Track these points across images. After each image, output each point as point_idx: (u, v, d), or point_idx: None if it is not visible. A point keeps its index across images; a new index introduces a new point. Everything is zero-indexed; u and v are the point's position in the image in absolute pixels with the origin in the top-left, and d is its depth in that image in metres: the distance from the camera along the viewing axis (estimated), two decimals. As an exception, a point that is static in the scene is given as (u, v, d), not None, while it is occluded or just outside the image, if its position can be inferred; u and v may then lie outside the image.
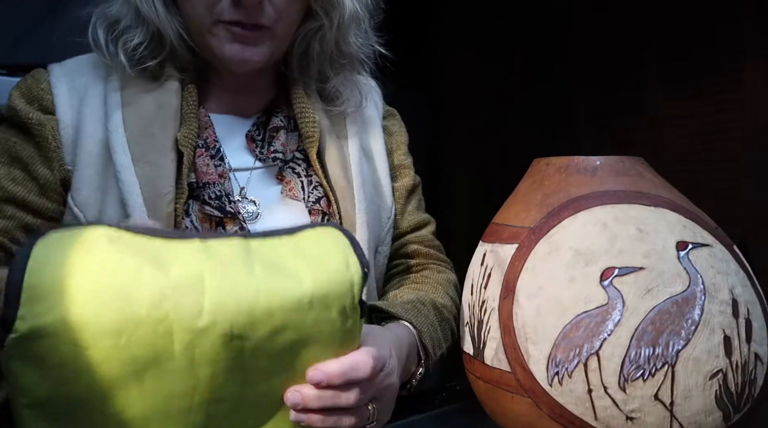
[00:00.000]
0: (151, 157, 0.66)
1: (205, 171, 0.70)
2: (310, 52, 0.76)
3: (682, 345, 0.45)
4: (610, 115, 2.48)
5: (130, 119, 0.67)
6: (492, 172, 2.86)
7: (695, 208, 0.53)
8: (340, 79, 0.79)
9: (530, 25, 2.74)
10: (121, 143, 0.66)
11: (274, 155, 0.74)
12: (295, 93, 0.77)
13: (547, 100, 2.70)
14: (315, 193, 0.75)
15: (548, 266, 0.50)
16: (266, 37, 0.68)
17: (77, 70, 0.71)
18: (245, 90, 0.76)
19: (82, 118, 0.67)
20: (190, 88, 0.71)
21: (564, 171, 0.54)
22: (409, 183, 0.87)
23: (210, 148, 0.71)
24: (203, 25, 0.67)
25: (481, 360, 0.54)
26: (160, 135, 0.67)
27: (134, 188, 0.65)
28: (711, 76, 2.16)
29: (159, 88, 0.69)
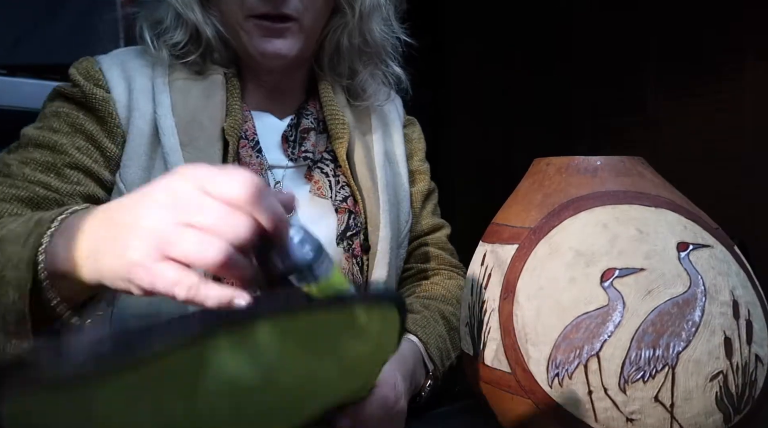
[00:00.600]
0: (199, 144, 0.69)
1: (248, 161, 0.72)
2: (341, 47, 0.78)
3: (683, 347, 0.45)
4: (610, 115, 2.48)
5: (179, 105, 0.70)
6: (492, 172, 2.86)
7: (696, 208, 0.53)
8: (368, 73, 0.82)
9: (531, 26, 2.74)
10: (170, 127, 0.68)
11: (305, 155, 0.77)
12: (326, 94, 0.80)
13: (547, 99, 2.69)
14: (342, 192, 0.78)
15: (548, 267, 0.49)
16: (294, 29, 0.71)
17: (124, 57, 0.74)
18: (279, 89, 0.79)
19: (133, 97, 0.70)
20: (233, 81, 0.74)
21: (564, 171, 0.54)
22: (425, 187, 0.90)
23: (250, 140, 0.74)
24: (235, 21, 0.71)
25: (481, 361, 0.54)
26: (208, 124, 0.70)
27: None
28: (711, 76, 2.16)
29: (204, 80, 0.73)
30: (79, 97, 0.69)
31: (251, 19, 0.69)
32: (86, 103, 0.69)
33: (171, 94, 0.70)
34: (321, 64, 0.80)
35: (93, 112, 0.69)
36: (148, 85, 0.71)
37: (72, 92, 0.70)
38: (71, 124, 0.69)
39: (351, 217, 0.77)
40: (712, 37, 2.13)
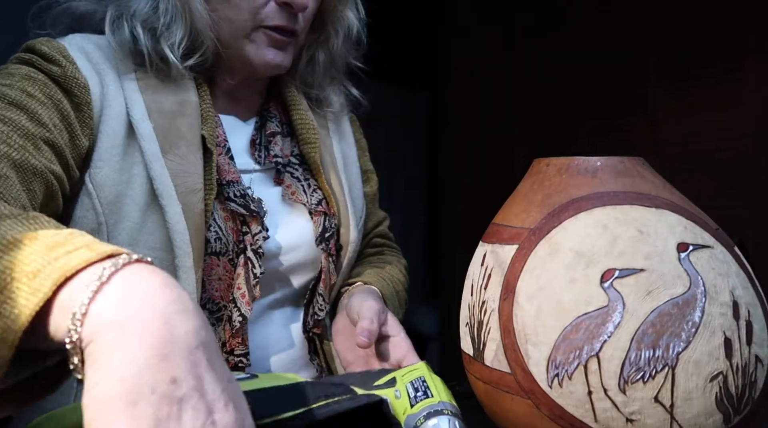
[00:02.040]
0: (180, 152, 0.66)
1: (226, 169, 0.71)
2: (315, 60, 0.80)
3: (683, 348, 0.45)
4: (610, 115, 2.48)
5: (154, 110, 0.67)
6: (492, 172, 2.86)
7: (696, 208, 0.53)
8: (334, 88, 0.84)
9: (531, 25, 2.74)
10: (149, 132, 0.65)
11: (275, 160, 0.77)
12: (293, 99, 0.80)
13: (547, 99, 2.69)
14: (315, 195, 0.79)
15: (548, 267, 0.49)
16: (293, 43, 0.73)
17: (86, 46, 0.67)
18: (244, 93, 0.78)
19: (106, 93, 0.65)
20: (204, 86, 0.72)
21: (564, 171, 0.54)
22: (375, 187, 0.95)
23: (222, 147, 0.73)
24: (243, 29, 0.69)
25: (481, 361, 0.54)
26: (186, 131, 0.68)
27: (167, 180, 0.65)
28: (711, 76, 2.16)
29: (176, 85, 0.69)
30: (57, 75, 0.62)
31: (262, 29, 0.69)
32: (64, 84, 0.62)
33: (144, 97, 0.66)
34: (291, 72, 0.80)
35: (70, 95, 0.63)
36: (117, 82, 0.66)
37: (48, 68, 0.62)
38: (48, 96, 0.61)
39: (326, 219, 0.78)
40: (713, 37, 2.13)
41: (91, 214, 0.64)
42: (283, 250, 0.76)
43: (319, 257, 0.78)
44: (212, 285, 0.69)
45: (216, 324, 0.70)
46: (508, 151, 2.83)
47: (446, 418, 0.51)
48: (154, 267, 0.37)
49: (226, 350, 0.70)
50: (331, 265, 0.79)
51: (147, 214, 0.65)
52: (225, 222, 0.70)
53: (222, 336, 0.70)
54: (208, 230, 0.68)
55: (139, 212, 0.64)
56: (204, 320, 0.35)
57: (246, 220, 0.71)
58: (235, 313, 0.70)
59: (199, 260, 0.66)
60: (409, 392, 0.55)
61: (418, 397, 0.54)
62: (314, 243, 0.77)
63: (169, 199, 0.64)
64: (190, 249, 0.65)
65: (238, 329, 0.70)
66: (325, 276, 0.78)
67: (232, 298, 0.70)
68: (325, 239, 0.78)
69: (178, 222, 0.64)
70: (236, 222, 0.71)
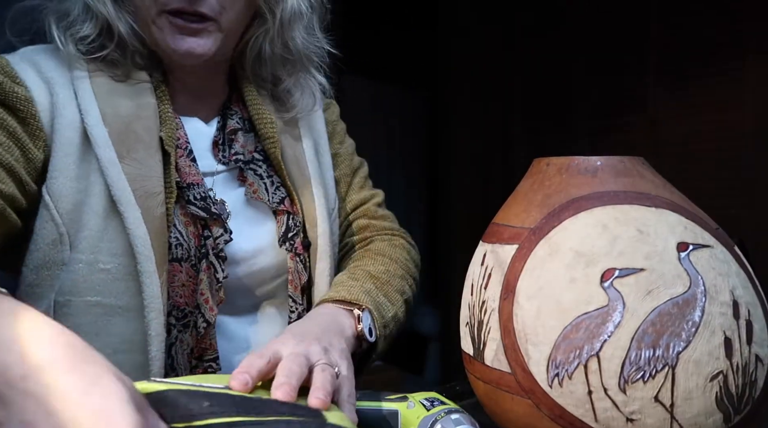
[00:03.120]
0: (138, 156, 0.65)
1: (187, 171, 0.70)
2: (262, 53, 0.77)
3: (683, 347, 0.45)
4: (610, 115, 2.48)
5: (109, 115, 0.65)
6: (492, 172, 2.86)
7: (696, 208, 0.53)
8: (293, 81, 0.80)
9: (531, 25, 2.74)
10: (103, 138, 0.64)
11: (236, 157, 0.75)
12: (249, 94, 0.78)
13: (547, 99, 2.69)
14: (278, 193, 0.77)
15: (549, 267, 0.49)
16: (211, 29, 0.68)
17: (36, 55, 0.68)
18: (204, 91, 0.77)
19: (56, 102, 0.65)
20: (162, 87, 0.71)
21: (564, 171, 0.54)
22: (348, 168, 0.89)
23: (184, 149, 0.71)
24: (148, 16, 0.67)
25: (481, 361, 0.54)
26: (144, 134, 0.66)
27: (125, 186, 0.64)
28: (711, 76, 2.16)
29: (132, 88, 0.69)
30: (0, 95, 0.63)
31: (165, 14, 0.66)
32: (6, 101, 0.63)
33: (98, 102, 0.66)
34: (244, 68, 0.78)
35: (14, 111, 0.63)
36: (69, 89, 0.66)
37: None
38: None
39: (290, 218, 0.76)
40: (713, 37, 2.13)
41: (50, 226, 0.64)
42: (249, 253, 0.74)
43: (286, 258, 0.76)
44: (176, 291, 0.68)
45: (183, 331, 0.69)
46: (508, 151, 2.83)
47: (467, 416, 0.55)
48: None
49: (194, 355, 0.70)
50: (299, 265, 0.76)
51: (107, 220, 0.64)
52: (186, 228, 0.69)
53: (190, 342, 0.69)
54: (170, 236, 0.67)
55: (99, 220, 0.64)
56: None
57: (207, 224, 0.70)
58: (200, 319, 0.69)
59: (161, 264, 0.65)
60: (424, 403, 0.58)
61: (435, 404, 0.57)
62: (277, 244, 0.75)
63: (127, 205, 0.64)
64: (152, 253, 0.64)
65: (203, 335, 0.69)
66: (292, 276, 0.76)
67: (197, 304, 0.69)
68: (289, 239, 0.76)
69: (138, 227, 0.63)
70: (197, 226, 0.70)
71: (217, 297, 0.70)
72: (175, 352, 0.68)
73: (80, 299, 0.64)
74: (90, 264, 0.64)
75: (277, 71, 0.79)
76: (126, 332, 0.64)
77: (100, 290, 0.64)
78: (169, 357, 0.68)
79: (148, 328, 0.64)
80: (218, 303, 0.70)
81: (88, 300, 0.64)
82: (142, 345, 0.64)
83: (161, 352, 0.65)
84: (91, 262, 0.64)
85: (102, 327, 0.64)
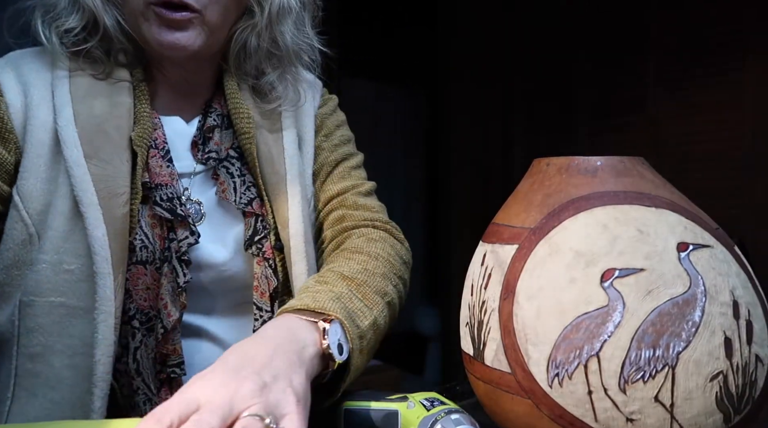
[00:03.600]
0: (105, 156, 0.65)
1: (158, 172, 0.69)
2: (248, 46, 0.75)
3: (683, 347, 0.45)
4: (610, 115, 2.48)
5: (82, 115, 0.65)
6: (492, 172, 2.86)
7: (696, 208, 0.53)
8: (277, 74, 0.78)
9: (531, 25, 2.74)
10: (72, 138, 0.64)
11: (209, 155, 0.74)
12: (229, 88, 0.76)
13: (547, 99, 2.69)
14: (248, 193, 0.75)
15: (548, 267, 0.49)
16: (196, 22, 0.68)
17: (20, 59, 0.69)
18: (189, 88, 0.76)
19: (30, 103, 0.65)
20: (141, 86, 0.70)
21: (564, 171, 0.54)
22: (326, 158, 0.83)
23: (160, 149, 0.71)
24: (135, 9, 0.67)
25: (481, 361, 0.54)
26: (114, 134, 0.66)
27: (88, 186, 0.63)
28: (711, 76, 2.16)
29: (110, 87, 0.68)
30: None
31: (152, 6, 0.66)
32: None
33: (73, 103, 0.66)
34: (227, 61, 0.77)
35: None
36: (47, 91, 0.66)
37: None
38: None
39: (258, 221, 0.74)
40: (713, 37, 2.13)
41: (20, 226, 0.64)
42: (218, 256, 0.72)
43: (251, 261, 0.73)
44: (140, 294, 0.67)
45: (147, 335, 0.68)
46: (508, 151, 2.83)
47: (467, 416, 0.55)
48: None
49: (158, 361, 0.69)
50: (268, 270, 0.73)
51: (73, 221, 0.64)
52: (152, 229, 0.68)
53: (154, 347, 0.68)
54: (134, 238, 0.66)
55: (64, 220, 0.64)
56: None
57: (173, 226, 0.69)
58: (158, 324, 0.68)
59: (119, 265, 0.64)
60: (424, 403, 0.58)
61: (435, 404, 0.57)
62: (242, 248, 0.73)
63: (89, 205, 0.63)
64: (108, 254, 0.63)
65: (162, 340, 0.68)
66: (258, 282, 0.73)
67: (158, 308, 0.68)
68: (255, 243, 0.73)
69: (97, 228, 0.63)
70: (163, 228, 0.69)
71: (179, 302, 0.69)
72: (140, 356, 0.67)
73: (44, 299, 0.63)
74: (54, 264, 0.63)
75: (261, 65, 0.78)
76: (85, 334, 0.63)
77: (63, 291, 0.63)
78: (134, 362, 0.67)
79: (96, 331, 0.63)
80: (181, 308, 0.69)
81: (52, 300, 0.63)
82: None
83: (107, 356, 0.63)
84: (55, 263, 0.63)
85: (64, 329, 0.63)
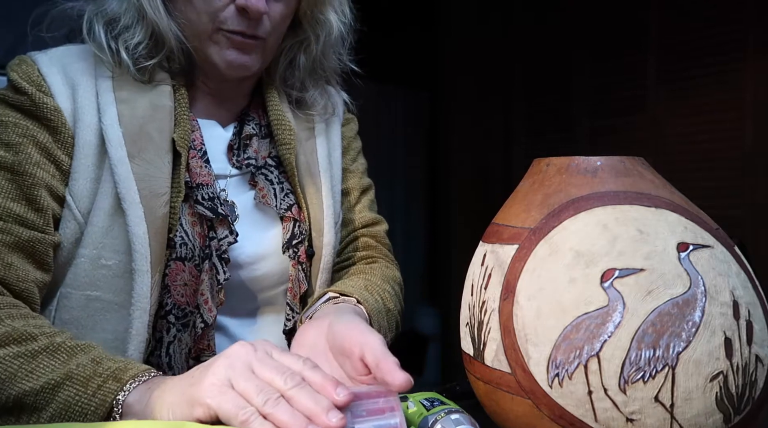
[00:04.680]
0: (148, 156, 0.67)
1: (198, 172, 0.71)
2: (296, 62, 0.79)
3: (683, 347, 0.45)
4: (610, 115, 2.48)
5: (126, 116, 0.67)
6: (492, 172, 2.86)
7: (696, 208, 0.53)
8: (319, 89, 0.83)
9: (531, 25, 2.74)
10: (117, 138, 0.66)
11: (248, 162, 0.76)
12: (271, 100, 0.79)
13: (547, 99, 2.69)
14: (287, 200, 0.78)
15: (548, 267, 0.49)
16: (260, 46, 0.71)
17: (66, 58, 0.70)
18: (227, 96, 0.78)
19: (78, 107, 0.67)
20: (182, 91, 0.72)
21: (564, 171, 0.54)
22: (357, 183, 0.90)
23: (198, 150, 0.72)
24: (204, 32, 0.69)
25: (481, 361, 0.54)
26: (156, 136, 0.68)
27: (131, 184, 0.65)
28: (711, 75, 2.16)
29: (152, 90, 0.70)
30: (27, 106, 0.66)
31: (222, 32, 0.68)
32: (36, 112, 0.65)
33: (117, 103, 0.67)
34: (271, 74, 0.80)
35: (44, 121, 0.66)
36: (92, 93, 0.68)
37: (19, 100, 0.66)
38: (23, 136, 0.65)
39: (296, 225, 0.77)
40: (713, 37, 2.13)
41: (73, 225, 0.66)
42: (253, 257, 0.75)
43: (287, 264, 0.76)
44: (178, 290, 0.69)
45: (182, 330, 0.70)
46: (508, 151, 2.83)
47: (467, 416, 0.55)
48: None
49: (192, 356, 0.71)
50: (301, 274, 0.77)
51: (114, 218, 0.65)
52: (192, 227, 0.69)
53: (188, 342, 0.70)
54: (175, 235, 0.68)
55: (105, 216, 0.65)
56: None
57: (213, 225, 0.71)
58: (198, 320, 0.70)
59: (157, 263, 0.66)
60: (424, 403, 0.58)
61: (435, 404, 0.58)
62: (280, 250, 0.76)
63: (131, 203, 0.65)
64: (148, 252, 0.65)
65: (200, 335, 0.70)
66: (292, 285, 0.76)
67: (197, 304, 0.70)
68: (293, 246, 0.76)
69: (138, 226, 0.65)
70: (203, 226, 0.70)
71: (217, 299, 0.71)
72: (173, 351, 0.69)
73: (80, 292, 0.65)
74: (93, 259, 0.65)
75: (305, 79, 0.81)
76: (118, 328, 0.65)
77: (100, 285, 0.65)
78: (167, 356, 0.69)
79: (131, 326, 0.65)
80: (218, 305, 0.71)
81: (88, 294, 0.65)
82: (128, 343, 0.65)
83: (139, 352, 0.65)
84: (93, 258, 0.65)
85: (97, 322, 0.65)
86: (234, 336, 0.76)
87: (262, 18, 0.68)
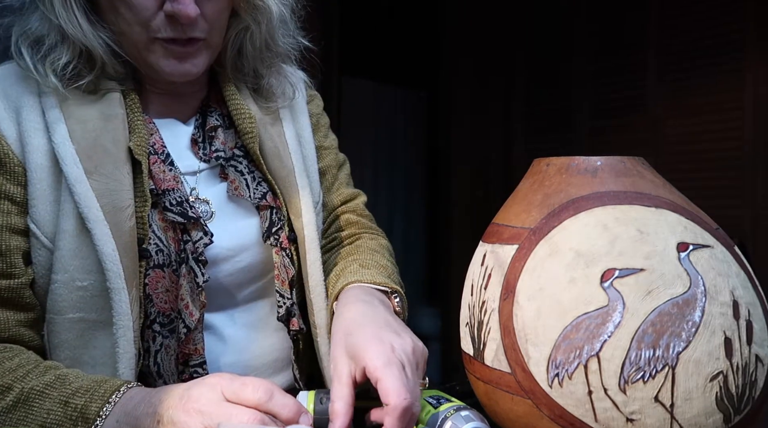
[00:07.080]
0: (106, 170, 0.65)
1: (162, 177, 0.69)
2: (244, 51, 0.77)
3: (683, 347, 0.45)
4: (610, 115, 2.48)
5: (77, 131, 0.65)
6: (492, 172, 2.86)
7: (696, 208, 0.53)
8: (273, 74, 0.81)
9: (532, 25, 2.74)
10: (71, 155, 0.64)
11: (216, 154, 0.75)
12: (228, 90, 0.78)
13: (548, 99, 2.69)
14: (260, 188, 0.77)
15: (549, 267, 0.49)
16: (202, 48, 0.69)
17: (4, 80, 0.67)
18: (182, 92, 0.76)
19: (24, 130, 0.64)
20: (132, 95, 0.70)
21: (565, 171, 0.54)
22: (333, 160, 0.89)
23: (160, 154, 0.71)
24: (139, 41, 0.66)
25: (481, 361, 0.54)
26: (112, 147, 0.66)
27: (92, 202, 0.63)
28: (711, 75, 2.16)
29: (101, 100, 0.68)
30: None
31: (158, 41, 0.66)
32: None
33: (66, 119, 0.65)
34: (222, 64, 0.78)
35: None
36: (37, 112, 0.65)
37: None
38: None
39: (273, 213, 0.76)
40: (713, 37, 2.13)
41: (43, 252, 0.64)
42: (234, 250, 0.74)
43: (271, 253, 0.76)
44: (160, 297, 0.68)
45: (169, 337, 0.69)
46: (508, 151, 2.83)
47: (476, 412, 0.56)
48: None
49: (180, 361, 0.70)
50: (286, 259, 0.76)
51: (80, 238, 0.64)
52: (165, 233, 0.68)
53: (176, 347, 0.69)
54: (148, 243, 0.67)
55: (70, 239, 0.64)
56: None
57: (186, 228, 0.69)
58: (180, 324, 0.69)
59: (132, 278, 0.64)
60: (431, 401, 0.58)
61: (441, 402, 0.58)
62: (261, 240, 0.75)
63: (95, 222, 0.63)
64: (120, 269, 0.63)
65: (185, 340, 0.69)
66: (278, 271, 0.75)
67: (179, 309, 0.69)
68: (273, 233, 0.75)
69: (106, 244, 0.63)
70: (176, 231, 0.69)
71: (199, 302, 0.69)
72: (161, 359, 0.68)
73: (63, 317, 0.64)
74: (66, 283, 0.63)
75: (256, 66, 0.79)
76: (106, 345, 0.64)
77: (80, 306, 0.64)
78: (155, 365, 0.68)
79: (117, 345, 0.63)
80: (201, 308, 0.70)
81: (71, 317, 0.64)
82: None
83: (130, 369, 0.64)
84: (67, 281, 0.63)
85: (87, 341, 0.64)
86: (233, 332, 0.75)
87: (196, 20, 0.66)
